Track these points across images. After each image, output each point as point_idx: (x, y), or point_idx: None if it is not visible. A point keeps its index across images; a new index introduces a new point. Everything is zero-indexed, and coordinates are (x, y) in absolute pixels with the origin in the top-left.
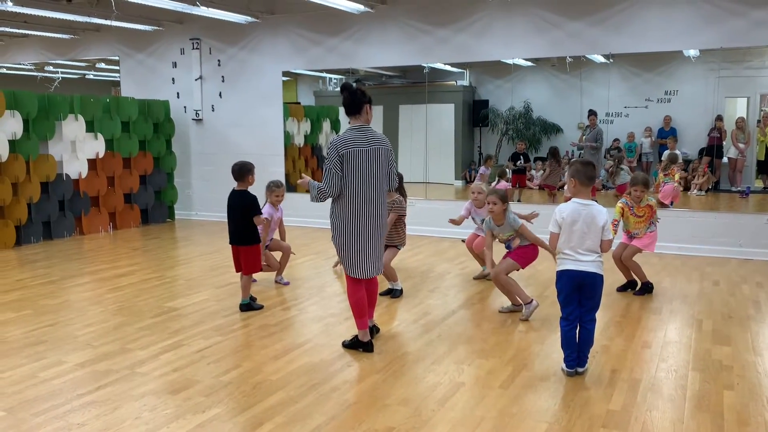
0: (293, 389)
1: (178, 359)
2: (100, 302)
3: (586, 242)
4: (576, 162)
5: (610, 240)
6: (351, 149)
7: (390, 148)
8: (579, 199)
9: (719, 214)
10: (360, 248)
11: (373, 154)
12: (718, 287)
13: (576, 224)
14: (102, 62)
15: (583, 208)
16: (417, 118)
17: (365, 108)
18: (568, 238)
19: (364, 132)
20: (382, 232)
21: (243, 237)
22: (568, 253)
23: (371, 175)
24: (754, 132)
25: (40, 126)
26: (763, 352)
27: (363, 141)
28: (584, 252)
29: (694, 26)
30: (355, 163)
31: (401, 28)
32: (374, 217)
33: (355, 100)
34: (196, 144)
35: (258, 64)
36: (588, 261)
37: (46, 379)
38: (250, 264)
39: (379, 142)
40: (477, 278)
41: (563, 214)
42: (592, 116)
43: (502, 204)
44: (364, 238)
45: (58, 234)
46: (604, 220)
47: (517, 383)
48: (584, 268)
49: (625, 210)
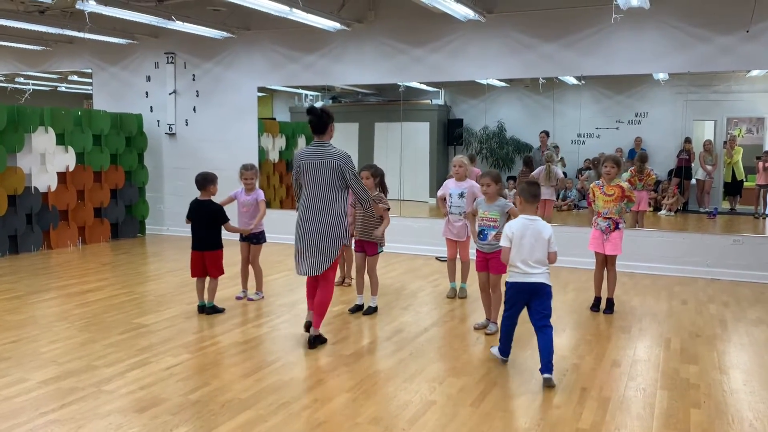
0: (263, 408)
1: (145, 377)
2: (66, 318)
3: (535, 254)
4: (523, 182)
5: (555, 252)
6: (304, 162)
7: (342, 162)
8: (526, 215)
9: (688, 235)
10: (296, 249)
11: (325, 166)
12: (686, 306)
13: (524, 238)
14: (74, 74)
15: (530, 223)
16: (392, 136)
17: (329, 127)
18: (518, 252)
19: (322, 147)
20: (319, 236)
21: (207, 243)
22: (518, 266)
23: (318, 184)
24: (721, 154)
25: (9, 138)
26: (729, 370)
27: (317, 155)
28: (534, 264)
29: (663, 50)
30: (308, 173)
31: (377, 46)
32: (314, 223)
33: (320, 122)
34: (169, 158)
35: (233, 80)
36: (537, 273)
37: (8, 397)
38: (215, 268)
39: (333, 157)
40: (450, 296)
41: (513, 229)
42: (542, 134)
43: (495, 185)
44: (298, 240)
45: (25, 248)
46: (549, 233)
47: (488, 401)
48: (533, 280)
49: (595, 190)
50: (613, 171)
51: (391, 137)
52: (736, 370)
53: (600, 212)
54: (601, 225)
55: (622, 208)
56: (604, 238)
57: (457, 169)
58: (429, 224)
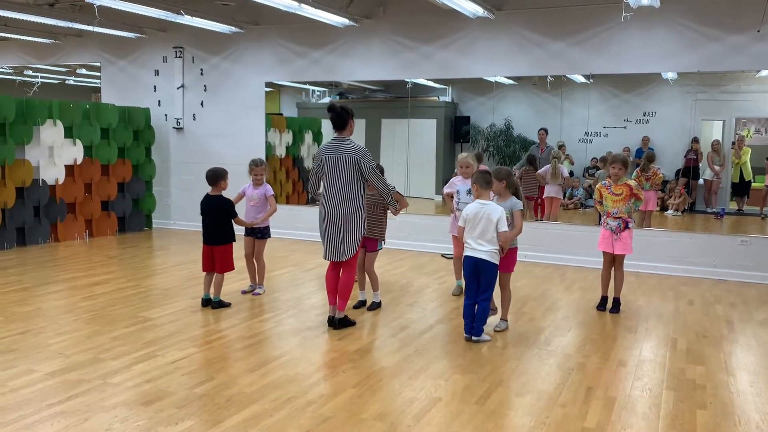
0: (268, 402)
1: (151, 370)
2: (73, 311)
3: (484, 235)
4: (477, 171)
5: (504, 231)
6: (325, 156)
7: (359, 157)
8: (480, 200)
9: (694, 235)
10: (322, 237)
11: (343, 161)
12: (692, 307)
13: (477, 219)
14: (83, 68)
15: (483, 207)
16: (399, 133)
17: (349, 123)
18: (470, 231)
19: (341, 142)
20: (340, 227)
21: (217, 237)
22: (469, 242)
23: (337, 178)
24: (729, 155)
25: (18, 130)
26: (736, 371)
27: (337, 150)
28: (482, 243)
29: (673, 49)
30: (327, 167)
31: (385, 42)
32: (333, 213)
33: (340, 118)
34: (176, 152)
35: (241, 75)
36: (483, 250)
37: (15, 389)
38: (224, 263)
39: (350, 152)
40: (455, 294)
41: (468, 212)
42: (541, 131)
43: (500, 183)
44: (322, 229)
45: (32, 240)
46: (498, 215)
47: (493, 399)
48: (479, 255)
49: (603, 191)
50: (621, 172)
51: (398, 134)
52: (743, 371)
53: (609, 212)
54: (611, 225)
55: (631, 207)
56: (615, 238)
57: (464, 170)
58: (435, 221)
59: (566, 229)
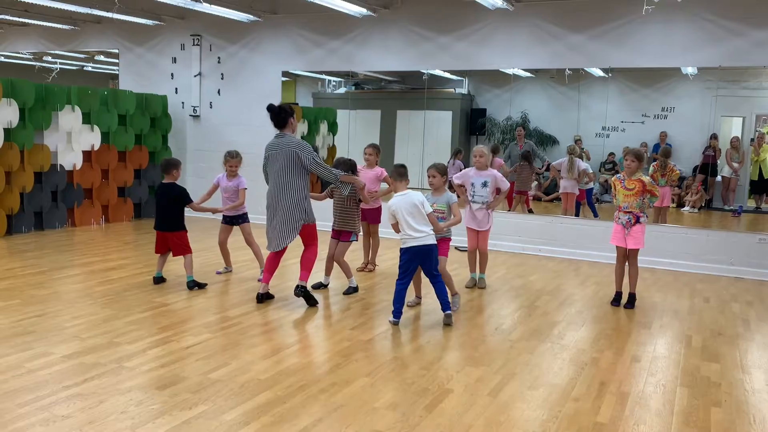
0: (281, 389)
1: (166, 355)
2: (89, 295)
3: (418, 220)
4: (394, 165)
5: (430, 213)
6: (270, 152)
7: (299, 150)
8: (399, 192)
9: (711, 232)
10: (267, 228)
11: (284, 155)
12: (708, 304)
13: (403, 210)
14: (101, 54)
15: (404, 197)
16: (414, 124)
17: (289, 121)
18: (404, 222)
19: (282, 137)
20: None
21: (171, 224)
22: (409, 233)
23: (279, 171)
24: (748, 152)
25: (36, 115)
26: (752, 370)
27: (278, 145)
28: (419, 230)
29: (694, 44)
30: (271, 161)
31: (403, 33)
32: (277, 205)
33: (279, 118)
34: (192, 140)
35: (258, 63)
36: (423, 236)
37: (32, 370)
38: (181, 247)
39: (290, 146)
40: (469, 287)
41: (393, 207)
42: (519, 128)
43: (441, 177)
44: (267, 220)
45: (49, 225)
46: (419, 199)
47: (505, 392)
48: (422, 243)
49: (616, 184)
50: (634, 165)
51: (414, 125)
52: (759, 369)
53: (621, 206)
54: (622, 219)
55: (644, 203)
56: (626, 233)
57: (478, 159)
58: None
59: (581, 223)
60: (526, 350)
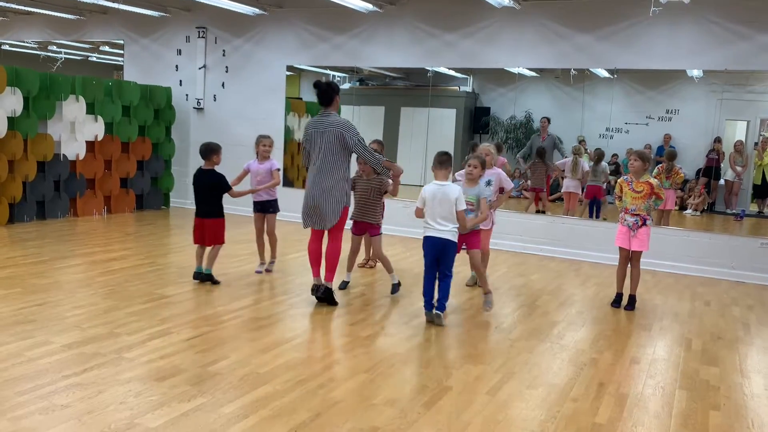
0: (280, 384)
1: (166, 346)
2: (90, 285)
3: (444, 214)
4: (437, 153)
5: (462, 210)
6: (311, 130)
7: (344, 130)
8: (437, 181)
9: (713, 235)
10: (303, 207)
11: (328, 134)
12: (709, 307)
13: (435, 200)
14: (106, 45)
15: (440, 188)
16: (418, 122)
17: (335, 99)
18: (430, 211)
19: (326, 116)
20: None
21: (209, 211)
22: (430, 223)
23: (322, 150)
24: (752, 156)
25: (41, 105)
26: (751, 374)
27: (322, 124)
28: (442, 222)
29: (700, 46)
30: (313, 140)
31: (408, 29)
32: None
33: (326, 95)
34: (196, 133)
35: (263, 57)
36: (444, 230)
37: (33, 359)
38: (216, 236)
39: (335, 125)
40: (469, 285)
41: (426, 193)
42: (544, 120)
43: (482, 169)
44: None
45: (51, 214)
46: (456, 195)
47: (504, 391)
48: (441, 235)
49: (623, 186)
50: (637, 164)
51: (417, 123)
52: (758, 374)
53: (627, 208)
54: (629, 221)
55: (650, 205)
56: (631, 235)
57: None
58: None
59: (583, 224)
60: (526, 349)
